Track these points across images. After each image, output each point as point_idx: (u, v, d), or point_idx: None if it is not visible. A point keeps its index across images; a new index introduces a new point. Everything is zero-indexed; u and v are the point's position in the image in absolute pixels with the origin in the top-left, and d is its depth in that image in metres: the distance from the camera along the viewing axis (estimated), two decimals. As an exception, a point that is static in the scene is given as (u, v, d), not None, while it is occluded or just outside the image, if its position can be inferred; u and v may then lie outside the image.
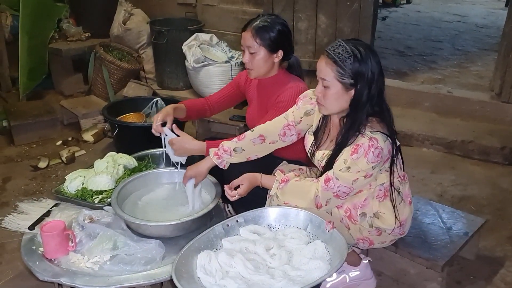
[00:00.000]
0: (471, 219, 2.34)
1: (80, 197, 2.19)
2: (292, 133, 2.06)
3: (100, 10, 4.71)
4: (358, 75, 1.72)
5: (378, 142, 1.71)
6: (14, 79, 4.44)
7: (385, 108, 1.81)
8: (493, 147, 3.34)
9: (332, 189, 1.78)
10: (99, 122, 3.88)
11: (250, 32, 2.20)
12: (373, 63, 1.73)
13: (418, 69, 4.82)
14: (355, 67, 1.72)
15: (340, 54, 1.73)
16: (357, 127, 1.75)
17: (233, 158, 2.06)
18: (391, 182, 1.85)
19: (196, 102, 2.51)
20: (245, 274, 1.62)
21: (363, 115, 1.75)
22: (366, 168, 1.73)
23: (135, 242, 1.89)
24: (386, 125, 1.78)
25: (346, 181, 1.76)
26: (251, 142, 2.06)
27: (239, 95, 2.52)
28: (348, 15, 3.69)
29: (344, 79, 1.74)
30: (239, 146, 2.06)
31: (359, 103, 1.75)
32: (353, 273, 2.10)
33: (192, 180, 2.09)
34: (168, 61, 4.22)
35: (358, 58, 1.72)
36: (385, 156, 1.75)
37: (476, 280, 2.26)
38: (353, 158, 1.73)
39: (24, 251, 1.93)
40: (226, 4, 4.33)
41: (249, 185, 1.99)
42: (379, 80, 1.76)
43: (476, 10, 7.75)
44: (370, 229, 1.89)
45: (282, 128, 2.05)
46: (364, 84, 1.73)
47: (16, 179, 3.20)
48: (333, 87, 1.77)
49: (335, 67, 1.74)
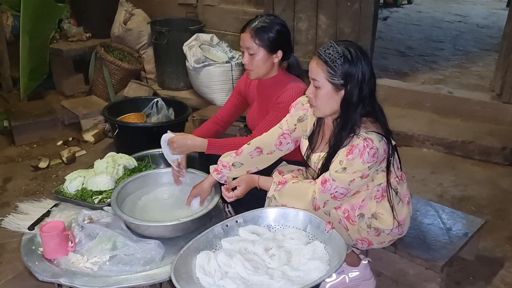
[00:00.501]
0: (471, 220, 2.34)
1: (80, 198, 2.20)
2: (288, 141, 2.07)
3: (101, 11, 4.71)
4: (348, 76, 1.74)
5: (373, 142, 1.72)
6: (15, 79, 4.45)
7: (377, 108, 1.82)
8: (494, 148, 3.33)
9: (329, 190, 1.79)
10: (100, 122, 3.88)
11: (248, 33, 2.20)
12: (364, 65, 1.75)
13: (418, 70, 4.82)
14: (345, 68, 1.73)
15: (330, 55, 1.74)
16: (350, 127, 1.76)
17: (233, 173, 2.07)
18: (388, 182, 1.85)
19: (208, 128, 2.49)
20: (244, 275, 1.62)
21: (356, 115, 1.76)
22: (362, 169, 1.73)
23: (135, 242, 1.89)
24: (380, 125, 1.79)
25: (342, 182, 1.76)
26: (249, 156, 2.07)
27: (243, 101, 2.53)
28: (349, 16, 3.69)
29: (334, 80, 1.76)
30: (238, 161, 2.07)
31: (350, 104, 1.76)
32: (352, 274, 2.10)
33: (197, 199, 2.11)
34: (169, 61, 4.22)
35: (349, 59, 1.73)
36: (381, 156, 1.76)
37: (475, 280, 2.26)
38: (348, 158, 1.73)
39: (24, 251, 1.93)
40: (226, 4, 4.33)
41: (247, 187, 1.99)
42: (370, 81, 1.77)
43: (477, 10, 7.73)
44: (369, 229, 1.89)
45: (278, 138, 2.06)
46: (354, 85, 1.74)
47: (16, 179, 3.21)
48: (324, 87, 1.78)
49: (325, 67, 1.75)
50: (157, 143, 2.29)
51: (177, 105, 3.55)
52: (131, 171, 2.38)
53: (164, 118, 3.46)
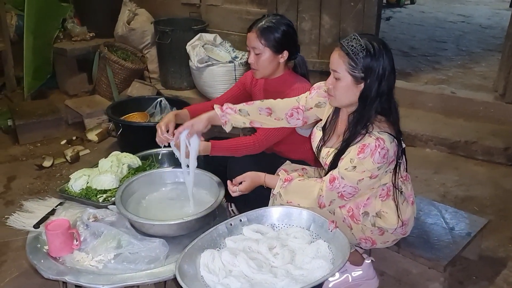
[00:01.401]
0: (474, 220, 2.34)
1: (85, 196, 2.20)
2: (298, 117, 2.07)
3: (104, 10, 4.72)
4: (369, 70, 1.72)
5: (385, 143, 1.72)
6: (19, 79, 4.46)
7: (393, 106, 1.81)
8: (497, 148, 3.33)
9: (337, 189, 1.79)
10: (103, 122, 3.89)
11: (255, 33, 2.20)
12: (386, 60, 1.73)
13: (422, 70, 4.82)
14: (367, 61, 1.72)
15: (353, 47, 1.73)
16: (365, 123, 1.76)
17: (236, 117, 2.06)
18: (393, 182, 1.85)
19: (199, 107, 2.42)
20: (248, 273, 1.63)
21: (371, 111, 1.76)
22: (371, 168, 1.73)
23: (139, 241, 1.90)
24: (393, 126, 1.79)
25: (351, 181, 1.76)
26: (258, 110, 2.07)
27: (245, 95, 2.51)
28: (352, 16, 3.69)
29: (354, 72, 1.74)
30: (245, 109, 2.07)
31: (368, 98, 1.75)
32: (355, 273, 2.11)
33: (185, 131, 2.00)
34: (172, 61, 4.23)
35: (371, 53, 1.72)
36: (390, 157, 1.76)
37: (478, 280, 2.26)
38: (359, 157, 1.73)
39: (29, 249, 1.94)
40: (230, 4, 4.33)
41: (251, 183, 1.99)
42: (390, 77, 1.76)
43: (481, 10, 7.72)
44: (373, 228, 1.89)
45: (291, 109, 2.06)
46: (374, 80, 1.73)
47: (21, 178, 3.22)
48: (344, 79, 1.77)
49: (347, 59, 1.74)
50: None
51: (180, 105, 3.54)
52: (135, 170, 2.39)
53: (168, 118, 3.47)
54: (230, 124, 2.08)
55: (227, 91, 2.57)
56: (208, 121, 2.06)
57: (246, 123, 2.08)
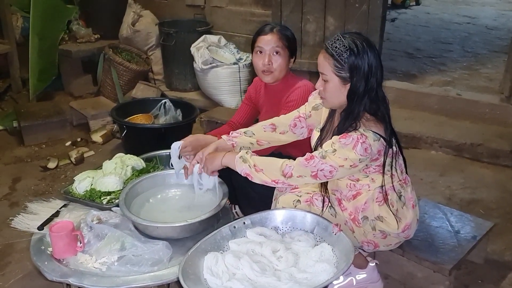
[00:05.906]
0: (480, 223, 2.32)
1: (89, 198, 2.21)
2: (302, 126, 2.08)
3: (109, 12, 4.74)
4: (354, 69, 1.74)
5: (367, 139, 1.72)
6: (25, 80, 4.49)
7: (381, 101, 1.80)
8: (503, 150, 3.31)
9: (313, 167, 1.76)
10: (108, 123, 3.90)
11: (276, 34, 2.27)
12: (371, 57, 1.75)
13: (427, 71, 4.80)
14: (351, 60, 1.74)
15: (337, 48, 1.75)
16: (353, 120, 1.76)
17: (243, 137, 2.08)
18: (390, 185, 1.85)
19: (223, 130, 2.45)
20: (251, 276, 1.62)
21: (360, 107, 1.77)
22: (353, 158, 1.72)
23: (143, 243, 1.90)
24: (381, 125, 1.78)
25: (331, 162, 1.74)
26: (262, 128, 2.10)
27: (255, 109, 2.57)
28: (357, 17, 3.68)
29: (341, 73, 1.76)
30: (250, 130, 2.11)
31: (355, 95, 1.77)
32: (360, 276, 2.10)
33: (197, 166, 2.03)
34: (177, 63, 4.24)
35: (355, 52, 1.73)
36: (373, 154, 1.76)
37: (484, 284, 2.24)
38: (340, 142, 1.73)
39: (33, 251, 1.95)
40: (234, 6, 4.34)
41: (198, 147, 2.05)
42: (377, 73, 1.77)
43: (486, 11, 7.68)
44: (374, 232, 1.88)
45: (293, 119, 2.09)
46: (360, 78, 1.75)
47: (25, 179, 3.23)
48: (332, 80, 1.80)
49: (332, 61, 1.77)
50: (165, 144, 2.29)
51: (184, 107, 3.56)
52: (139, 172, 2.39)
53: (172, 119, 3.48)
54: (239, 147, 2.08)
55: (238, 110, 2.61)
56: (215, 149, 2.04)
57: (253, 143, 2.09)
